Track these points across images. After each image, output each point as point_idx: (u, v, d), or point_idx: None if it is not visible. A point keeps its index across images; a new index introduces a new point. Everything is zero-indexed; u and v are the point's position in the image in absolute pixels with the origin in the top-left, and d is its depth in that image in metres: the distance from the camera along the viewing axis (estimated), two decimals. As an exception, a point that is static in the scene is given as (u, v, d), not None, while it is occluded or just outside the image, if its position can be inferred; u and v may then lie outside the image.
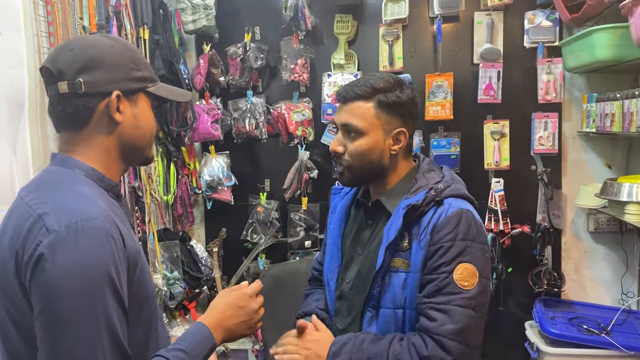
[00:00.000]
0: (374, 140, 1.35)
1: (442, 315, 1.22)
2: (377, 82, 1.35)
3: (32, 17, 1.90)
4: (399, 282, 1.31)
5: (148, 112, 1.12)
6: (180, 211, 2.74)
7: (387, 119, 1.35)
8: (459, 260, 1.24)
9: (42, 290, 0.89)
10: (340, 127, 1.38)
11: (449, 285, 1.23)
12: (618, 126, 2.11)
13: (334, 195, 1.61)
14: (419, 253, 1.29)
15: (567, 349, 2.26)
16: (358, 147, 1.35)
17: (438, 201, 1.31)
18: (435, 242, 1.27)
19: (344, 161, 1.37)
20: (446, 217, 1.28)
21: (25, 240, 0.92)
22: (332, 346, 1.31)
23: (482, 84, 2.56)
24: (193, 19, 2.63)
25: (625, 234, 2.58)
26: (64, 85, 1.01)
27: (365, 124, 1.33)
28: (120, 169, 1.12)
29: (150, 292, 1.08)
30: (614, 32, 2.11)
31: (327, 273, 1.52)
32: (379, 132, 1.34)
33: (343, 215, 1.54)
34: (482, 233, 1.31)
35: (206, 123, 2.68)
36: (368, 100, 1.34)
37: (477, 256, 1.26)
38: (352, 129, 1.35)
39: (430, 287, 1.26)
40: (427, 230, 1.28)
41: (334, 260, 1.51)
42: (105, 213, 0.96)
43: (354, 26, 2.71)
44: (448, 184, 1.35)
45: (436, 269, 1.26)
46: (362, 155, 1.35)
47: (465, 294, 1.23)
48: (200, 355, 1.05)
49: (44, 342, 0.89)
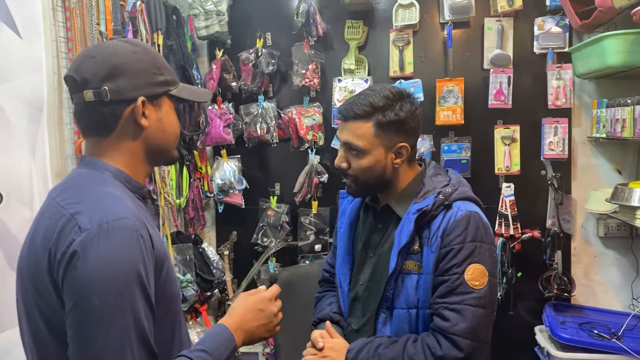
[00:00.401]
0: (375, 158, 1.38)
1: (455, 314, 1.26)
2: (377, 100, 1.35)
3: (52, 22, 1.94)
4: (412, 284, 1.35)
5: (172, 115, 1.15)
6: (192, 214, 2.76)
7: (387, 137, 1.37)
8: (469, 261, 1.29)
9: (74, 287, 0.91)
10: (343, 144, 1.42)
11: (461, 286, 1.28)
12: (629, 132, 2.12)
13: (342, 200, 1.64)
14: (431, 255, 1.33)
15: (578, 353, 2.25)
16: (361, 165, 1.39)
17: (447, 205, 1.35)
18: (446, 245, 1.31)
19: (349, 176, 1.42)
20: (455, 220, 1.32)
21: (58, 239, 0.94)
22: (348, 353, 1.34)
23: (493, 89, 2.58)
24: (206, 25, 2.67)
25: (636, 239, 2.58)
26: (90, 93, 1.03)
27: (366, 143, 1.36)
28: (146, 171, 1.15)
29: (175, 293, 1.10)
30: (625, 38, 2.12)
31: (340, 276, 1.55)
32: (379, 149, 1.38)
33: (353, 219, 1.57)
34: (489, 234, 1.36)
35: (218, 127, 2.71)
36: (367, 120, 1.36)
37: (485, 257, 1.31)
38: (354, 148, 1.38)
39: (443, 288, 1.30)
40: (438, 234, 1.32)
41: (345, 264, 1.55)
42: (135, 213, 0.98)
43: (365, 32, 2.73)
44: (455, 187, 1.39)
45: (448, 271, 1.30)
46: (365, 172, 1.39)
47: (476, 294, 1.27)
48: (223, 357, 1.07)
49: (75, 338, 0.91)
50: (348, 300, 1.52)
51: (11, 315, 1.56)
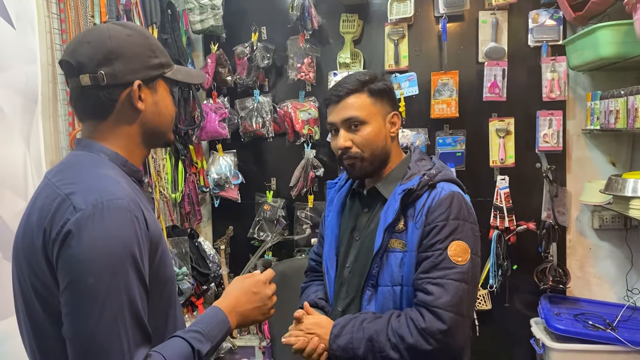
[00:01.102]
0: (378, 127, 1.44)
1: (439, 288, 1.30)
2: (361, 76, 1.45)
3: (46, 14, 1.94)
4: (396, 261, 1.39)
5: (167, 97, 1.15)
6: (188, 209, 2.76)
7: (381, 105, 1.45)
8: (452, 238, 1.33)
9: (69, 266, 0.91)
10: (342, 123, 1.44)
11: (444, 261, 1.31)
12: (622, 122, 2.13)
13: (330, 189, 1.68)
14: (415, 233, 1.37)
15: (573, 344, 2.27)
16: (366, 136, 1.43)
17: (431, 185, 1.40)
18: (430, 222, 1.35)
19: (353, 154, 1.43)
20: (440, 199, 1.37)
21: (53, 218, 0.94)
22: (334, 328, 1.38)
23: (487, 82, 2.59)
24: (201, 19, 2.67)
25: (630, 231, 2.59)
26: (86, 78, 1.04)
27: (366, 113, 1.43)
28: (142, 154, 1.15)
29: (170, 276, 1.10)
30: (618, 30, 2.13)
31: (327, 262, 1.58)
32: (378, 118, 1.45)
33: (340, 207, 1.61)
34: (472, 214, 1.40)
35: (214, 122, 2.71)
36: (361, 93, 1.44)
37: (468, 234, 1.35)
38: (356, 121, 1.42)
39: (427, 264, 1.33)
40: (423, 212, 1.37)
41: (333, 249, 1.58)
42: (130, 194, 0.99)
43: (360, 25, 2.74)
44: (439, 170, 1.45)
45: (431, 247, 1.34)
46: (371, 142, 1.43)
47: (459, 269, 1.31)
48: (217, 338, 1.07)
49: (69, 316, 0.91)
50: (334, 285, 1.55)
51: (6, 305, 1.56)
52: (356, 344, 1.33)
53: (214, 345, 1.07)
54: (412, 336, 1.29)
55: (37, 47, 1.90)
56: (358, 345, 1.33)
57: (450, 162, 2.64)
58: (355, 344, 1.33)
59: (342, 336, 1.35)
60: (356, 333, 1.34)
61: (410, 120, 2.69)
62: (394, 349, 1.30)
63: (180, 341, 1.02)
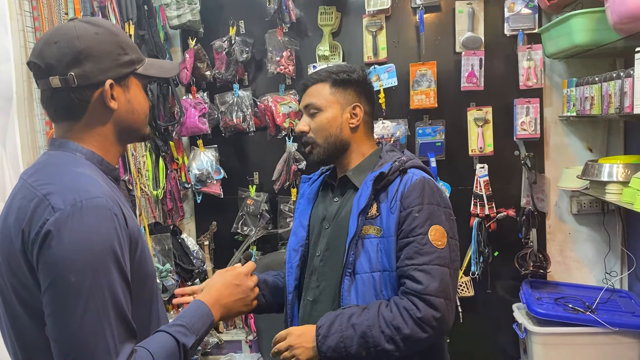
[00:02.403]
0: (332, 115, 1.50)
1: (425, 275, 1.32)
2: (331, 68, 1.54)
3: (18, 12, 1.91)
4: (373, 247, 1.40)
5: (140, 94, 1.14)
6: (170, 205, 2.76)
7: (342, 95, 1.51)
8: (430, 222, 1.36)
9: (50, 266, 0.91)
10: (304, 110, 1.54)
11: (426, 245, 1.34)
12: (597, 109, 2.17)
13: (303, 184, 1.71)
14: (391, 218, 1.39)
15: (554, 327, 2.31)
16: (318, 122, 1.50)
17: (402, 170, 1.44)
18: (406, 207, 1.38)
19: (309, 139, 1.51)
20: (412, 183, 1.40)
21: (31, 219, 0.94)
22: (319, 330, 1.34)
23: (465, 71, 2.61)
24: (177, 14, 2.65)
25: (607, 215, 2.64)
26: (56, 80, 1.02)
27: (323, 101, 1.50)
28: (118, 151, 1.15)
29: (150, 271, 1.10)
30: (591, 17, 2.16)
31: (290, 252, 1.58)
32: (335, 107, 1.50)
33: (311, 199, 1.64)
34: (444, 198, 1.44)
35: (193, 117, 2.70)
36: (325, 82, 1.52)
37: (443, 219, 1.39)
38: (312, 107, 1.51)
39: (410, 249, 1.35)
40: (397, 197, 1.40)
41: (298, 240, 1.59)
42: (107, 192, 0.99)
43: (338, 18, 2.74)
44: (410, 157, 1.49)
45: (411, 232, 1.36)
46: (323, 128, 1.50)
47: (440, 253, 1.34)
48: (200, 331, 1.08)
49: (53, 316, 0.91)
50: (295, 275, 1.55)
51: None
52: (348, 342, 1.31)
53: (198, 338, 1.07)
54: (407, 326, 1.29)
55: (10, 46, 1.88)
56: (350, 344, 1.31)
57: (430, 152, 2.67)
58: (347, 342, 1.31)
59: (330, 336, 1.32)
60: (346, 331, 1.32)
61: (390, 111, 2.71)
62: (389, 341, 1.30)
63: (165, 335, 1.03)
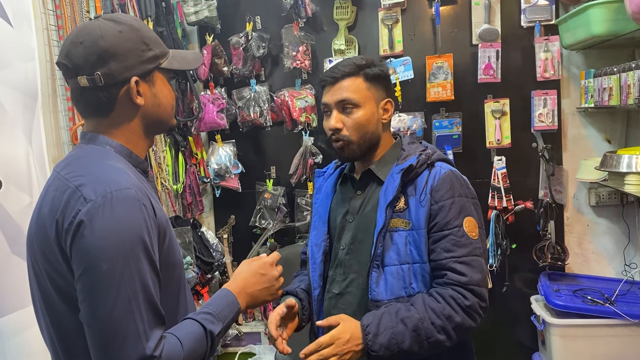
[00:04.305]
0: (370, 111, 1.45)
1: (467, 267, 1.34)
2: (357, 61, 1.46)
3: (42, 11, 1.96)
4: (401, 240, 1.40)
5: (165, 87, 1.17)
6: (190, 200, 2.80)
7: (376, 91, 1.47)
8: (463, 215, 1.37)
9: (82, 254, 0.95)
10: (336, 105, 1.45)
11: (463, 237, 1.36)
12: (616, 99, 2.15)
13: (318, 178, 1.68)
14: (421, 211, 1.39)
15: (573, 319, 2.30)
16: (357, 120, 1.44)
17: (430, 164, 1.43)
18: (438, 201, 1.38)
19: (343, 137, 1.45)
20: (441, 177, 1.40)
21: (64, 210, 0.98)
22: (368, 328, 1.31)
23: (482, 63, 2.60)
24: (195, 11, 2.68)
25: (627, 207, 2.63)
26: (84, 79, 1.06)
27: (360, 96, 1.44)
28: (146, 144, 1.18)
29: (178, 260, 1.14)
30: (609, 7, 2.14)
31: (313, 247, 1.57)
32: (372, 103, 1.46)
33: (329, 193, 1.61)
34: (471, 189, 1.45)
35: (212, 113, 2.73)
36: (357, 76, 1.45)
37: (472, 210, 1.41)
38: (349, 103, 1.44)
39: (446, 242, 1.36)
40: (427, 190, 1.40)
41: (320, 235, 1.57)
42: (136, 184, 1.02)
43: (354, 12, 2.75)
44: (434, 150, 1.49)
45: (447, 225, 1.36)
46: (362, 126, 1.45)
47: (476, 244, 1.37)
48: (227, 319, 1.11)
49: (86, 302, 0.96)
50: (321, 270, 1.53)
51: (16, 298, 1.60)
52: (400, 338, 1.30)
53: (225, 325, 1.11)
54: (458, 315, 1.31)
55: (35, 44, 1.92)
56: (402, 339, 1.30)
57: (447, 144, 2.67)
58: (399, 338, 1.30)
59: (381, 334, 1.30)
60: (396, 327, 1.31)
61: (407, 104, 2.71)
62: (441, 331, 1.31)
63: (192, 323, 1.06)
